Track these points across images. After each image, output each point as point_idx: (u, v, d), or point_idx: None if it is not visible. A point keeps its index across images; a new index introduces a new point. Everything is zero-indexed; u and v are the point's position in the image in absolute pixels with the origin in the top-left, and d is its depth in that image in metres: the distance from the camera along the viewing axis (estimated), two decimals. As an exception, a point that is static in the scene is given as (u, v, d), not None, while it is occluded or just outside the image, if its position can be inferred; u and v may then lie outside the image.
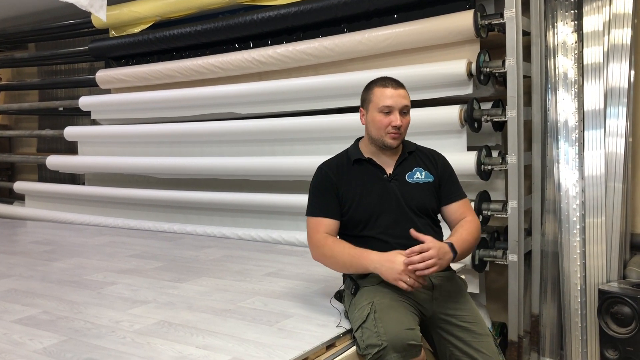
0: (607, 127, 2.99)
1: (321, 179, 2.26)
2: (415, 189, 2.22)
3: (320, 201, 2.23)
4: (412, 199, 2.20)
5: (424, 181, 2.24)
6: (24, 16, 5.40)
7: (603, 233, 2.95)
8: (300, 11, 3.61)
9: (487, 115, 3.09)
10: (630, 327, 2.69)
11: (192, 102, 4.21)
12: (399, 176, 2.23)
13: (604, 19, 3.01)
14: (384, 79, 2.23)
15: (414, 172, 2.24)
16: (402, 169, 2.24)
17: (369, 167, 2.25)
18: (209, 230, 4.08)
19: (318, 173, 2.29)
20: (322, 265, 2.22)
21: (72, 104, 5.10)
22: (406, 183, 2.22)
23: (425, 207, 2.22)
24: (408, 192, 2.21)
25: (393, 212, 2.18)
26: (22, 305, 2.51)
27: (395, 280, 1.99)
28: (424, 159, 2.29)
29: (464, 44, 3.17)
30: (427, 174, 2.25)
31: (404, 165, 2.25)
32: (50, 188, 5.22)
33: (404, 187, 2.21)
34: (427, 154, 2.32)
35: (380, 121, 2.17)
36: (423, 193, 2.22)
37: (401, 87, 2.21)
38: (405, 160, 2.26)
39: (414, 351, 1.89)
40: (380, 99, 2.17)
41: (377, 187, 2.21)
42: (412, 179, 2.23)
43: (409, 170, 2.25)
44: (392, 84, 2.20)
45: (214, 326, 2.19)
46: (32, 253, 3.65)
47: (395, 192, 2.20)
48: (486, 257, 3.11)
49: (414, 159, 2.28)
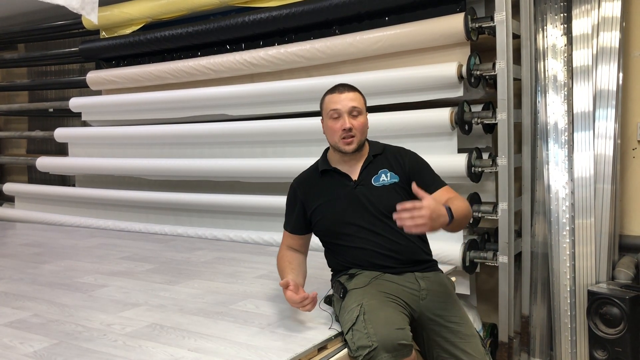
0: (596, 129, 3.01)
1: (290, 195, 2.41)
2: (382, 191, 2.21)
3: (288, 216, 2.41)
4: (380, 202, 2.20)
5: (390, 182, 2.22)
6: (14, 16, 5.37)
7: (592, 234, 2.98)
8: (292, 13, 3.62)
9: (478, 117, 3.11)
10: (619, 328, 2.71)
11: (183, 104, 4.20)
12: (365, 181, 2.23)
13: (592, 22, 3.04)
14: (335, 86, 2.26)
15: (379, 175, 2.24)
16: (367, 174, 2.24)
17: (335, 176, 2.28)
18: (200, 232, 4.07)
19: (290, 188, 2.42)
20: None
21: (63, 105, 5.07)
22: (372, 187, 2.22)
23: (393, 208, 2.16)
24: (375, 196, 2.20)
25: (364, 217, 2.19)
26: (12, 309, 2.49)
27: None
28: (390, 159, 2.27)
29: (454, 47, 3.18)
30: (392, 175, 2.23)
31: (369, 169, 2.25)
32: (40, 190, 5.19)
33: (370, 192, 2.22)
34: (394, 154, 2.30)
35: (332, 127, 2.20)
36: (390, 194, 2.20)
37: (350, 90, 2.22)
38: (371, 163, 2.26)
39: (404, 351, 1.89)
40: (329, 104, 2.22)
41: (344, 196, 2.23)
42: (378, 182, 2.23)
43: (375, 173, 2.24)
44: (340, 89, 2.23)
45: (205, 329, 2.18)
46: (21, 255, 3.63)
47: (362, 198, 2.21)
48: (477, 258, 3.12)
49: (380, 161, 2.27)
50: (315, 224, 2.31)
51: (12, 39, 5.57)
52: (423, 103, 3.26)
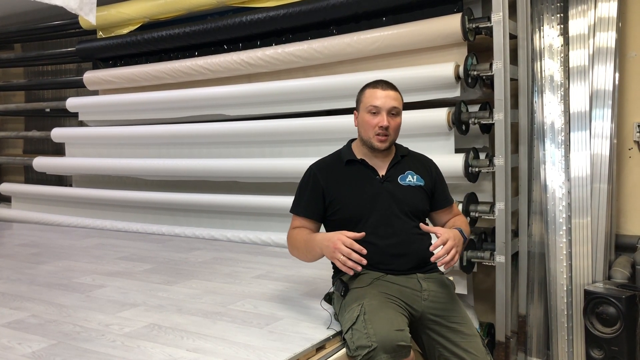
0: (592, 129, 3.03)
1: (307, 179, 2.31)
2: (409, 191, 2.25)
3: (303, 200, 2.29)
4: (405, 202, 2.22)
5: (416, 184, 2.27)
6: (10, 16, 5.36)
7: (589, 234, 2.99)
8: (289, 13, 3.62)
9: (475, 117, 3.11)
10: (615, 327, 2.73)
11: (180, 104, 4.20)
12: (392, 178, 2.25)
13: (589, 23, 3.05)
14: (377, 81, 2.26)
15: (406, 175, 2.27)
16: (395, 172, 2.27)
17: (361, 168, 2.27)
18: (197, 232, 4.07)
19: (307, 173, 2.33)
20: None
21: (59, 105, 5.07)
22: (399, 185, 2.24)
23: (418, 209, 2.25)
24: (402, 194, 2.23)
25: (385, 213, 2.20)
26: (10, 309, 2.49)
27: (332, 258, 2.06)
28: (416, 163, 2.33)
29: (452, 47, 3.19)
30: (418, 178, 2.28)
31: (397, 168, 2.27)
32: (37, 190, 5.18)
33: (397, 189, 2.24)
34: (419, 159, 2.37)
35: (369, 122, 2.19)
36: (415, 196, 2.25)
37: (391, 89, 2.23)
38: (398, 163, 2.29)
39: (403, 352, 1.90)
40: (369, 99, 2.21)
41: (370, 188, 2.23)
42: (404, 182, 2.26)
43: (402, 173, 2.27)
44: (382, 85, 2.22)
45: (204, 329, 2.19)
46: (19, 256, 3.62)
47: (388, 194, 2.22)
48: (474, 258, 3.13)
49: (407, 162, 2.31)
50: (334, 212, 2.24)
51: (8, 38, 5.56)
52: (420, 103, 3.26)
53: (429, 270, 2.24)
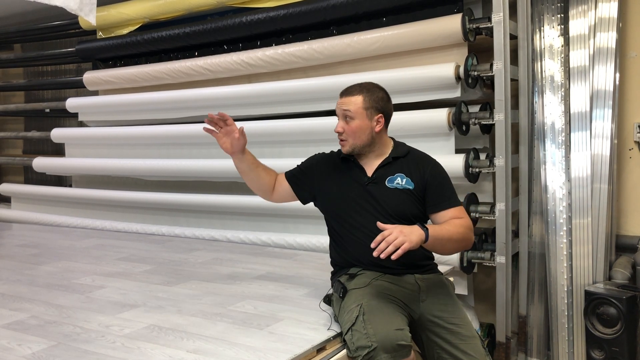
0: (593, 129, 3.03)
1: (310, 159, 2.48)
2: (393, 194, 2.22)
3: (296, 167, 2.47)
4: (389, 204, 2.21)
5: (403, 187, 2.22)
6: (10, 16, 5.35)
7: (589, 234, 2.99)
8: (289, 14, 3.62)
9: (475, 118, 3.11)
10: (616, 328, 2.72)
11: (180, 105, 4.19)
12: (378, 179, 2.25)
13: (589, 23, 3.05)
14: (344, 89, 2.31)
15: (394, 177, 2.24)
16: (383, 173, 2.25)
17: (352, 166, 2.31)
18: (197, 233, 4.07)
19: (314, 155, 2.49)
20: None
21: (59, 106, 5.06)
22: (385, 187, 2.23)
23: (404, 212, 2.20)
24: (386, 196, 2.22)
25: (370, 215, 2.20)
26: (10, 310, 2.49)
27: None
28: (411, 165, 2.26)
29: (452, 48, 3.19)
30: (408, 181, 2.23)
31: (386, 170, 2.26)
32: (36, 190, 5.17)
33: (381, 191, 2.23)
34: (417, 160, 2.28)
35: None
36: (400, 199, 2.21)
37: (347, 95, 2.25)
38: (389, 164, 2.26)
39: (403, 351, 1.90)
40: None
41: (355, 187, 2.26)
42: (391, 184, 2.24)
43: (391, 174, 2.24)
44: (343, 92, 2.28)
45: (204, 330, 2.18)
46: (18, 256, 3.61)
47: (371, 195, 2.22)
48: (474, 258, 3.13)
49: (400, 164, 2.27)
50: (321, 202, 2.39)
51: (8, 39, 5.56)
52: (420, 103, 3.26)
53: (427, 271, 2.24)
